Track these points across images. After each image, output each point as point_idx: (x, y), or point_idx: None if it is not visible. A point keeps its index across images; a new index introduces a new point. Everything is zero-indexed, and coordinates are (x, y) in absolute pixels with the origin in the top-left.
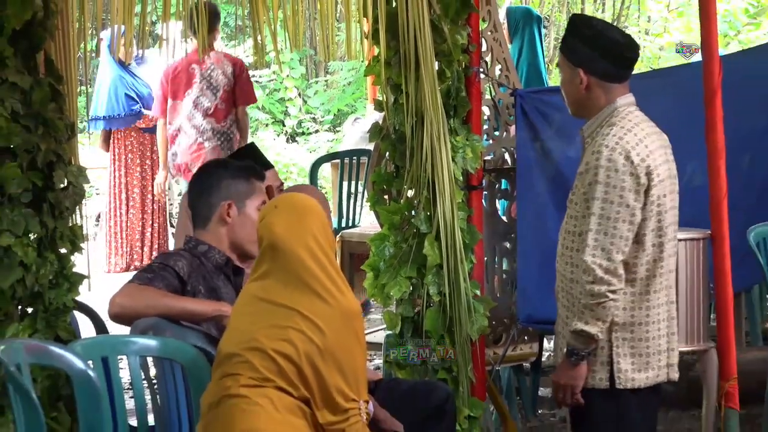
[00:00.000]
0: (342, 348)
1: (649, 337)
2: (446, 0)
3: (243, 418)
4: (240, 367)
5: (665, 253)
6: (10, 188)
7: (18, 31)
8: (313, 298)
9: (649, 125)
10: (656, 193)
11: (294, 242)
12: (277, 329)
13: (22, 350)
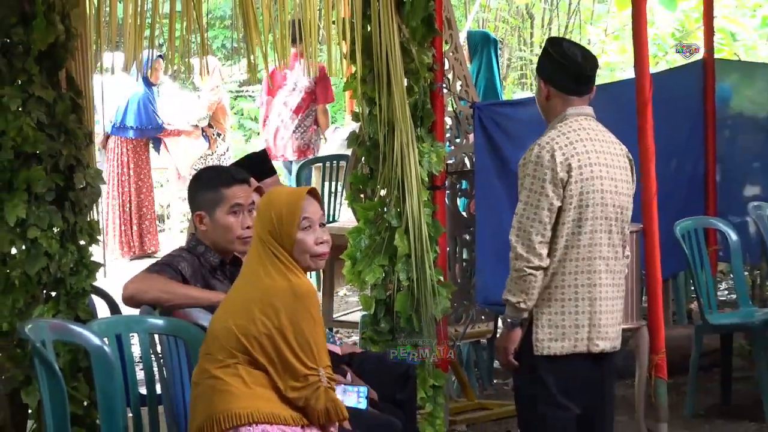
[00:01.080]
0: (296, 323)
1: (565, 312)
2: (414, 25)
3: (220, 399)
4: (214, 346)
5: (582, 241)
6: (36, 188)
7: (43, 51)
8: (272, 280)
9: (589, 133)
10: (576, 188)
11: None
12: (242, 311)
13: (47, 328)
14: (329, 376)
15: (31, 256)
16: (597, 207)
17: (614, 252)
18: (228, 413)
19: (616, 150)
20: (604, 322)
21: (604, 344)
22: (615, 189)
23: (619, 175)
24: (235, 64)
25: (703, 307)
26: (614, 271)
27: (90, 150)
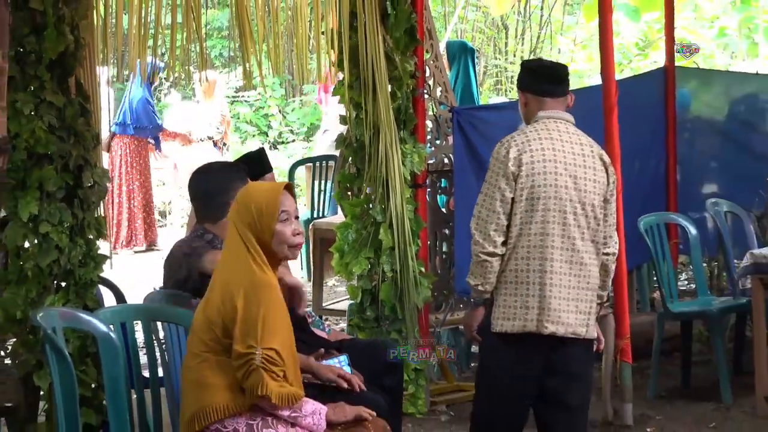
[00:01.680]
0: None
1: (517, 294)
2: (397, 35)
3: (201, 395)
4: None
5: (533, 230)
6: (47, 186)
7: (54, 60)
8: (236, 272)
9: (552, 133)
10: (527, 181)
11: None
12: (210, 302)
13: (57, 316)
14: (268, 358)
15: (42, 250)
16: (549, 200)
17: (571, 243)
18: (209, 409)
19: (585, 151)
20: (556, 307)
21: (555, 327)
22: (574, 185)
23: (583, 174)
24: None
25: (665, 296)
26: (574, 262)
27: (97, 151)
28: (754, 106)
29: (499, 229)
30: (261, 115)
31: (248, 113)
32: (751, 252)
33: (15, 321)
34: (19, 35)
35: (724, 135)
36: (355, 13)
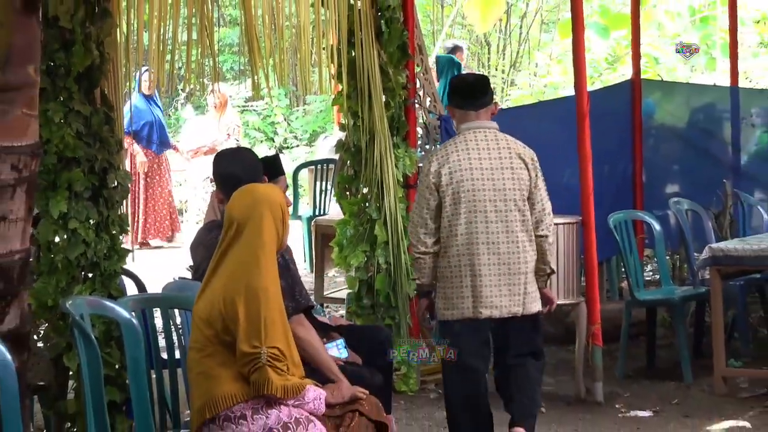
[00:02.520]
0: (248, 306)
1: (453, 287)
2: (390, 50)
3: (209, 386)
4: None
5: (459, 230)
6: (75, 187)
7: (81, 73)
8: (224, 272)
9: (469, 144)
10: (449, 189)
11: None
12: (209, 298)
13: (84, 304)
14: (272, 356)
15: (71, 244)
16: (470, 202)
17: (495, 237)
18: (218, 398)
19: (503, 154)
20: (488, 294)
21: (490, 312)
22: (493, 186)
23: (501, 175)
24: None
25: (632, 286)
26: (501, 252)
27: (120, 155)
28: (712, 115)
29: (428, 232)
30: (268, 123)
31: (257, 121)
32: (710, 246)
33: (46, 308)
34: (50, 51)
35: (685, 141)
36: (353, 30)
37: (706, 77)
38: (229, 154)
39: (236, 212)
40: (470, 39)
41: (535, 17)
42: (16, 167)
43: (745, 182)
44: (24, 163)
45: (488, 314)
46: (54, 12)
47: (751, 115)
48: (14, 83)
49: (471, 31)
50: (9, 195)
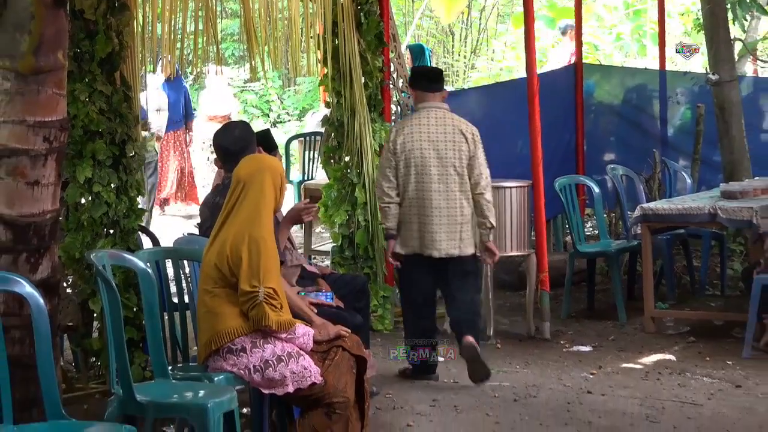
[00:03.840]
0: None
1: (407, 230)
2: (369, 39)
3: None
4: (204, 280)
5: (411, 186)
6: (98, 156)
7: (103, 58)
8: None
9: (422, 120)
10: (403, 155)
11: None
12: (219, 248)
13: (106, 256)
14: (269, 294)
15: (95, 205)
16: (418, 166)
17: (437, 195)
18: (222, 333)
19: (448, 129)
20: (431, 238)
21: (431, 252)
22: (437, 154)
23: (444, 146)
24: (241, 67)
25: (575, 240)
26: (441, 207)
27: (137, 128)
28: (643, 94)
29: (390, 186)
30: (264, 101)
31: (254, 99)
32: (641, 206)
33: (74, 260)
34: (76, 39)
35: (620, 116)
36: (336, 21)
37: (638, 61)
38: (222, 128)
39: (243, 174)
40: (437, 29)
41: (493, 10)
42: (48, 139)
43: (671, 151)
44: (54, 135)
45: (430, 253)
46: (80, 6)
47: (676, 94)
48: (45, 67)
49: (437, 22)
50: (41, 163)
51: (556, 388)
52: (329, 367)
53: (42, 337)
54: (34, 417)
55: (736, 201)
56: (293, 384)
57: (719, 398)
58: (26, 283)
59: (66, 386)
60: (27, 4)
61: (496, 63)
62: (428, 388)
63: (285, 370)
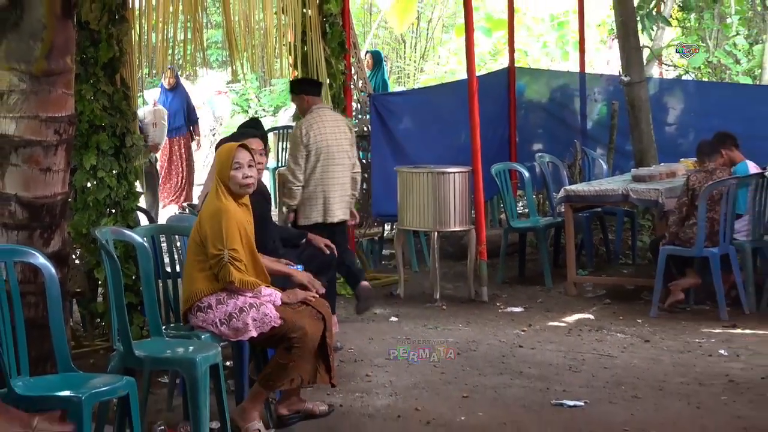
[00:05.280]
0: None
1: (308, 204)
2: (333, 46)
3: (191, 284)
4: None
5: (318, 170)
6: (102, 146)
7: (105, 62)
8: (210, 203)
9: (321, 116)
10: (312, 147)
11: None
12: (198, 225)
13: (109, 232)
14: (232, 254)
15: (99, 188)
16: (322, 154)
17: (337, 174)
18: (190, 294)
19: (339, 123)
20: (332, 208)
21: (334, 218)
22: (337, 144)
23: (337, 136)
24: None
25: (509, 217)
26: (338, 183)
27: (134, 123)
28: (566, 93)
29: (301, 172)
30: (243, 99)
31: (235, 98)
32: (564, 188)
33: (81, 235)
34: (82, 46)
35: (546, 112)
36: (305, 31)
37: (562, 65)
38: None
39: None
40: (391, 38)
41: (438, 21)
42: (58, 132)
43: (590, 142)
44: (63, 128)
45: (331, 220)
46: (85, 18)
47: (594, 93)
48: (56, 70)
49: (391, 31)
50: (53, 152)
51: (493, 343)
52: (287, 311)
53: (54, 302)
54: (47, 370)
55: (644, 183)
56: (256, 329)
57: (631, 351)
58: (40, 255)
59: (75, 343)
60: (40, 16)
61: (441, 67)
62: (384, 343)
63: (247, 318)
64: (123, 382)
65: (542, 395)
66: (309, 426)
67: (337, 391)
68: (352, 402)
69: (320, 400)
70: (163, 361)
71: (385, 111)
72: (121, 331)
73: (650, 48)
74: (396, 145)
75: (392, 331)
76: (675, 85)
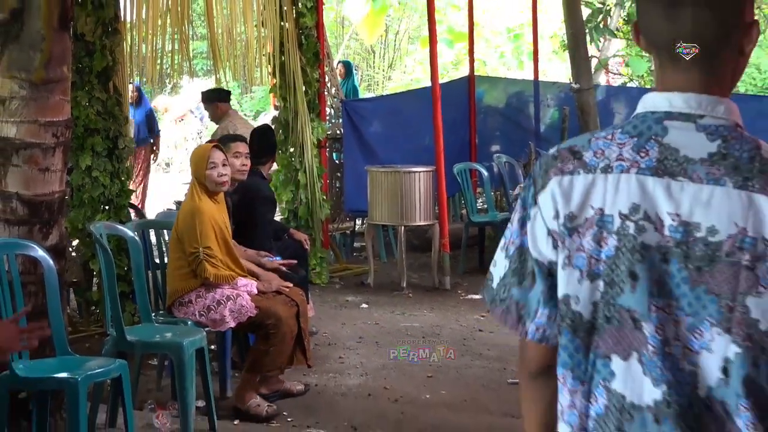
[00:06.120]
0: (187, 221)
1: None
2: (308, 56)
3: (173, 280)
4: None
5: None
6: (96, 148)
7: (99, 71)
8: (187, 203)
9: (236, 121)
10: None
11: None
12: (177, 224)
13: (103, 227)
14: (206, 252)
15: (94, 186)
16: None
17: None
18: (176, 290)
19: (249, 127)
20: None
21: None
22: None
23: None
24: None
25: (469, 212)
26: None
27: (126, 127)
28: (521, 99)
29: None
30: None
31: None
32: (520, 185)
33: (78, 229)
34: (78, 56)
35: (503, 116)
36: (283, 42)
37: (517, 74)
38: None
39: None
40: (361, 48)
41: (405, 33)
42: (56, 135)
43: (543, 143)
44: (61, 132)
45: None
46: (81, 30)
47: (547, 99)
48: (53, 78)
49: (361, 43)
50: (51, 153)
51: (455, 328)
52: (262, 300)
53: (52, 291)
54: (46, 353)
55: None
56: (233, 320)
57: None
58: (39, 248)
59: (71, 329)
60: (39, 29)
61: (407, 75)
62: (356, 328)
63: (224, 310)
64: (116, 365)
65: (500, 375)
66: (287, 404)
67: (313, 371)
68: (326, 382)
69: (297, 380)
70: (152, 345)
71: (356, 116)
72: (114, 318)
73: (598, 58)
74: (366, 147)
75: (363, 317)
76: (620, 92)
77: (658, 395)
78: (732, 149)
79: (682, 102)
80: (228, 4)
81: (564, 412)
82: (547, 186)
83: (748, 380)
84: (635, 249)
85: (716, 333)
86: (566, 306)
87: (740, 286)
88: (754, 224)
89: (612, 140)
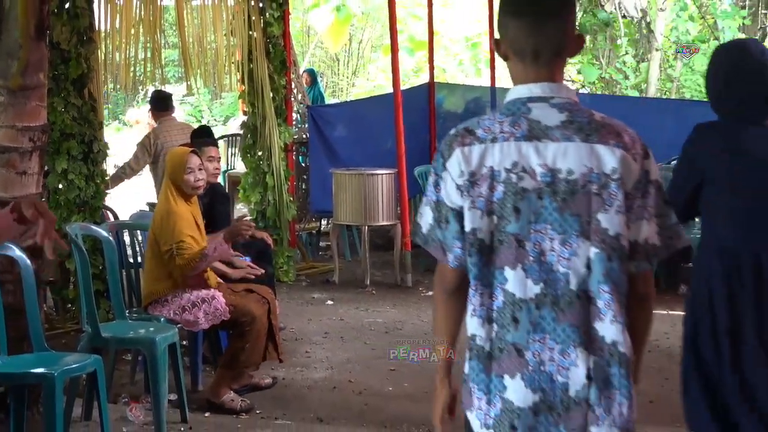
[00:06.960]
0: (164, 221)
1: None
2: (275, 64)
3: (149, 281)
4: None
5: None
6: (72, 152)
7: (75, 78)
8: (161, 204)
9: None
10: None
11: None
12: (152, 225)
13: (78, 227)
14: (179, 246)
15: (69, 189)
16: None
17: None
18: (152, 291)
19: (185, 131)
20: None
21: None
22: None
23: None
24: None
25: None
26: None
27: (100, 132)
28: (478, 105)
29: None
30: (197, 110)
31: (189, 109)
32: None
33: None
34: (54, 64)
35: (462, 121)
36: (251, 50)
37: (475, 80)
38: None
39: None
40: (326, 56)
41: (368, 42)
42: (32, 140)
43: None
44: (37, 137)
45: None
46: (57, 39)
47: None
48: (30, 85)
49: (326, 51)
50: (28, 157)
51: (417, 323)
52: (236, 299)
53: (29, 289)
54: (24, 349)
55: None
56: (207, 322)
57: None
58: (16, 248)
59: (48, 326)
60: (16, 37)
61: (370, 82)
62: (321, 323)
63: (198, 312)
64: (91, 360)
65: (459, 368)
66: (256, 397)
67: (280, 365)
68: (293, 375)
69: (265, 374)
70: (126, 341)
71: (322, 120)
72: (90, 315)
73: None
74: (331, 151)
75: (329, 313)
76: None
77: (537, 290)
78: (575, 117)
79: (539, 89)
80: (198, 14)
81: (476, 309)
82: (453, 155)
83: (606, 271)
84: (517, 192)
85: (581, 241)
86: (473, 236)
87: (593, 207)
88: (597, 164)
89: (494, 120)
